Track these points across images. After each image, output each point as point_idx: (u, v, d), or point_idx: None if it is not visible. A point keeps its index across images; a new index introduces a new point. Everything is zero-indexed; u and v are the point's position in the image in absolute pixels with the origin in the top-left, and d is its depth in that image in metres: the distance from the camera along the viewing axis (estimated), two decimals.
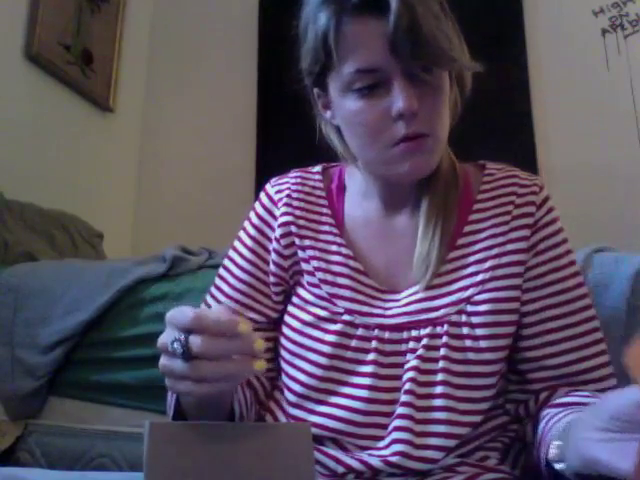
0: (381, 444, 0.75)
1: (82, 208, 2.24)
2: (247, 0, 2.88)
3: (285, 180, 0.92)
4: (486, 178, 0.86)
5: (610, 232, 2.13)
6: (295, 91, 0.84)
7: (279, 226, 0.87)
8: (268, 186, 0.92)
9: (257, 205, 0.91)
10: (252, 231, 0.89)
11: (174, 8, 2.99)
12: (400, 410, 0.75)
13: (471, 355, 0.76)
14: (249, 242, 0.88)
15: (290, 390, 0.81)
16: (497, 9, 2.54)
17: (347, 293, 0.81)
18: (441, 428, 0.74)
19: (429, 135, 0.75)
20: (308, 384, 0.79)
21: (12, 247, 1.72)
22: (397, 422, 0.74)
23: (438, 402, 0.75)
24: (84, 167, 2.48)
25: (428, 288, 0.79)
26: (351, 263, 0.83)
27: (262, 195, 0.92)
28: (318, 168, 0.94)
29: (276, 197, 0.89)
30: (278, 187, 0.90)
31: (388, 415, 0.76)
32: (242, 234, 0.90)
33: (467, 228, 0.82)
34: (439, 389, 0.75)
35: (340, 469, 0.75)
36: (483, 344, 0.76)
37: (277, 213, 0.88)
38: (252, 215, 0.91)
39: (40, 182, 2.19)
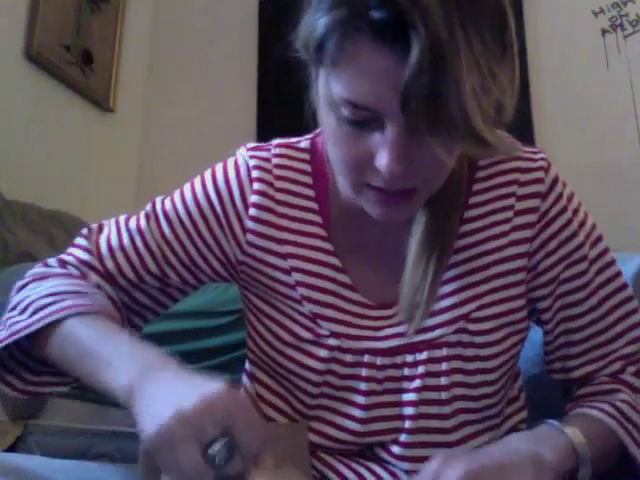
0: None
1: (82, 208, 2.24)
2: (247, 0, 2.88)
3: (265, 155, 0.74)
4: (482, 161, 0.72)
5: (610, 232, 2.13)
6: (296, 91, 0.80)
7: (252, 219, 0.71)
8: (245, 154, 0.74)
9: (231, 170, 0.74)
10: (213, 195, 0.73)
11: (174, 8, 2.99)
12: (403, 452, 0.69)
13: (475, 369, 0.69)
14: (204, 203, 0.73)
15: (278, 410, 0.73)
16: None
17: (333, 313, 0.70)
18: (442, 446, 0.69)
19: (417, 190, 0.61)
20: (297, 409, 0.72)
21: (12, 247, 1.72)
22: (405, 465, 0.69)
23: (453, 433, 0.69)
24: (84, 167, 2.48)
25: None
26: (339, 277, 0.71)
27: (241, 163, 0.74)
28: (306, 143, 0.75)
29: (254, 174, 0.72)
30: (257, 162, 0.73)
31: (384, 445, 0.70)
32: (198, 188, 0.74)
33: (463, 228, 0.70)
34: (452, 421, 0.69)
35: (335, 478, 0.70)
36: (489, 364, 0.69)
37: (249, 196, 0.72)
38: (220, 176, 0.74)
39: (40, 182, 2.19)
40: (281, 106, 2.53)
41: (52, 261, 0.74)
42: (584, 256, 0.71)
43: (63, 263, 0.73)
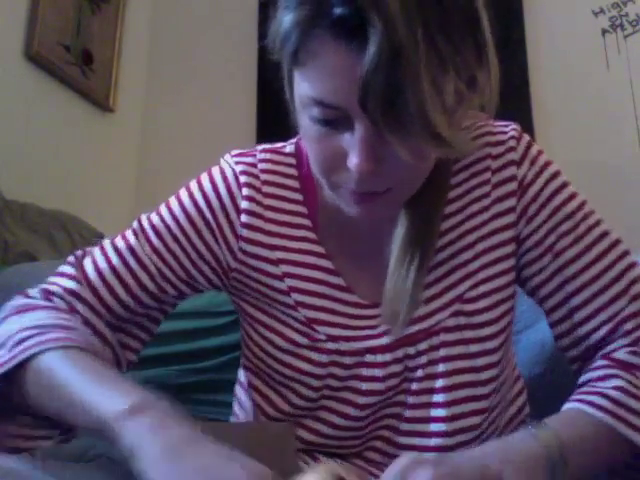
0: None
1: (82, 208, 2.24)
2: (247, 0, 2.88)
3: (251, 161, 0.72)
4: None
5: None
6: None
7: (244, 226, 0.70)
8: (230, 160, 0.73)
9: (217, 177, 0.72)
10: (202, 203, 0.71)
11: (174, 8, 2.98)
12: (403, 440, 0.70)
13: (478, 352, 0.69)
14: (193, 212, 0.70)
15: (276, 409, 0.72)
16: (497, 9, 2.54)
17: (329, 317, 0.69)
18: (440, 436, 0.68)
19: (391, 190, 0.60)
20: (293, 414, 0.71)
21: (12, 247, 1.71)
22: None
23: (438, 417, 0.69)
24: (84, 167, 2.47)
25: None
26: (332, 280, 0.70)
27: (227, 170, 0.72)
28: (291, 148, 0.75)
29: (241, 179, 0.71)
30: (244, 167, 0.71)
31: (383, 437, 0.71)
32: (185, 198, 0.72)
33: (447, 209, 0.69)
34: (454, 409, 0.68)
35: None
36: (491, 345, 0.68)
37: (240, 202, 0.70)
38: (207, 184, 0.72)
39: (40, 182, 2.19)
40: (281, 106, 2.53)
41: (34, 292, 0.69)
42: (571, 213, 0.69)
43: (47, 294, 0.68)
